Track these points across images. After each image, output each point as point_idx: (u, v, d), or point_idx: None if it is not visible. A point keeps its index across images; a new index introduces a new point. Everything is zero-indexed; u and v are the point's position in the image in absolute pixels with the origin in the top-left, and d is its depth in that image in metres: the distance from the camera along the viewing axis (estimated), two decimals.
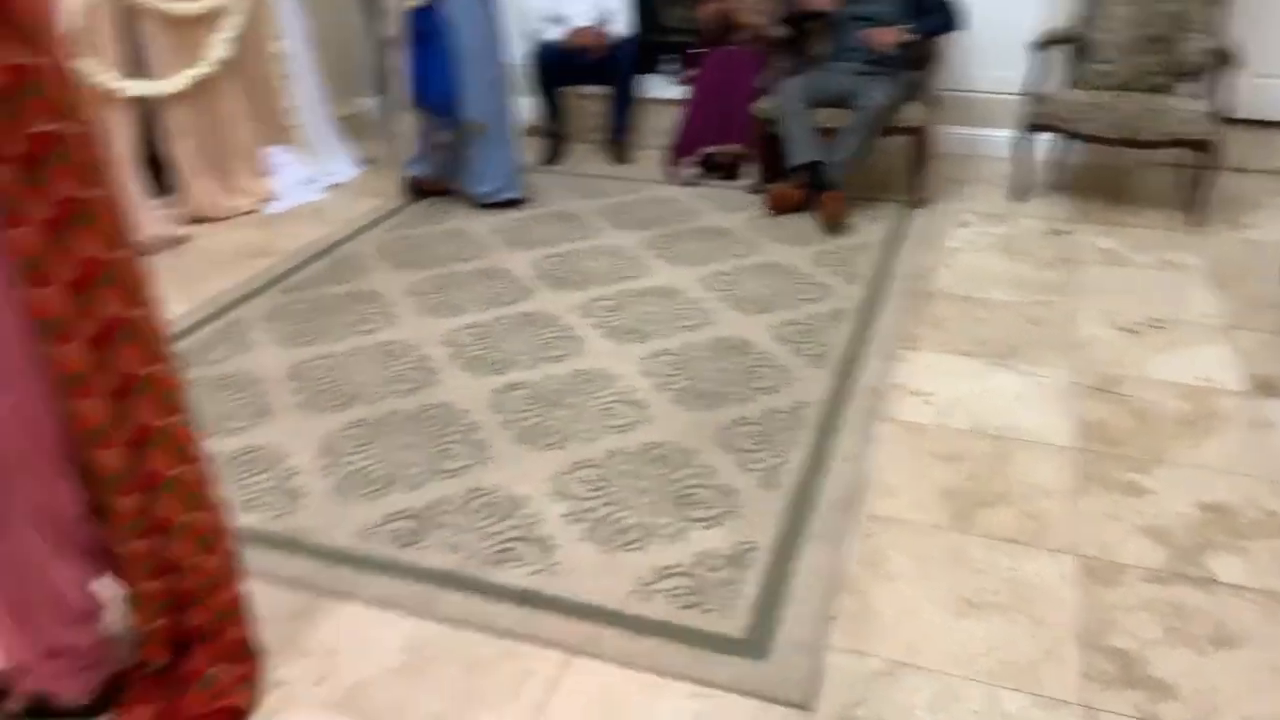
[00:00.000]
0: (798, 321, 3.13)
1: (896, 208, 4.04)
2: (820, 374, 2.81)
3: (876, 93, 3.84)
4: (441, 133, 3.99)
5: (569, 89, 4.80)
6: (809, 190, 3.93)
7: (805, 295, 3.31)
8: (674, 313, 3.23)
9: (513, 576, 2.05)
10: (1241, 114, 4.14)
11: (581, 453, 2.47)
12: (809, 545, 2.13)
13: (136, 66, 3.75)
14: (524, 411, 2.67)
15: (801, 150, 3.90)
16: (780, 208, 3.97)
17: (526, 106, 4.71)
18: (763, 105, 4.07)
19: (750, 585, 2.02)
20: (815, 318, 3.15)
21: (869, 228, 3.86)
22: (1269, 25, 4.66)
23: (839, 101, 3.94)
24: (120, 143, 3.65)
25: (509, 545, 2.15)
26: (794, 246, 3.71)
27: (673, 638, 1.89)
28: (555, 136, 4.82)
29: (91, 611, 1.67)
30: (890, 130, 3.96)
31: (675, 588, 2.01)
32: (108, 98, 3.58)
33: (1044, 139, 4.06)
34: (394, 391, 2.78)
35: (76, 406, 1.46)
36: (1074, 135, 3.91)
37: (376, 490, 2.35)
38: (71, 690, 1.67)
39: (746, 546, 2.13)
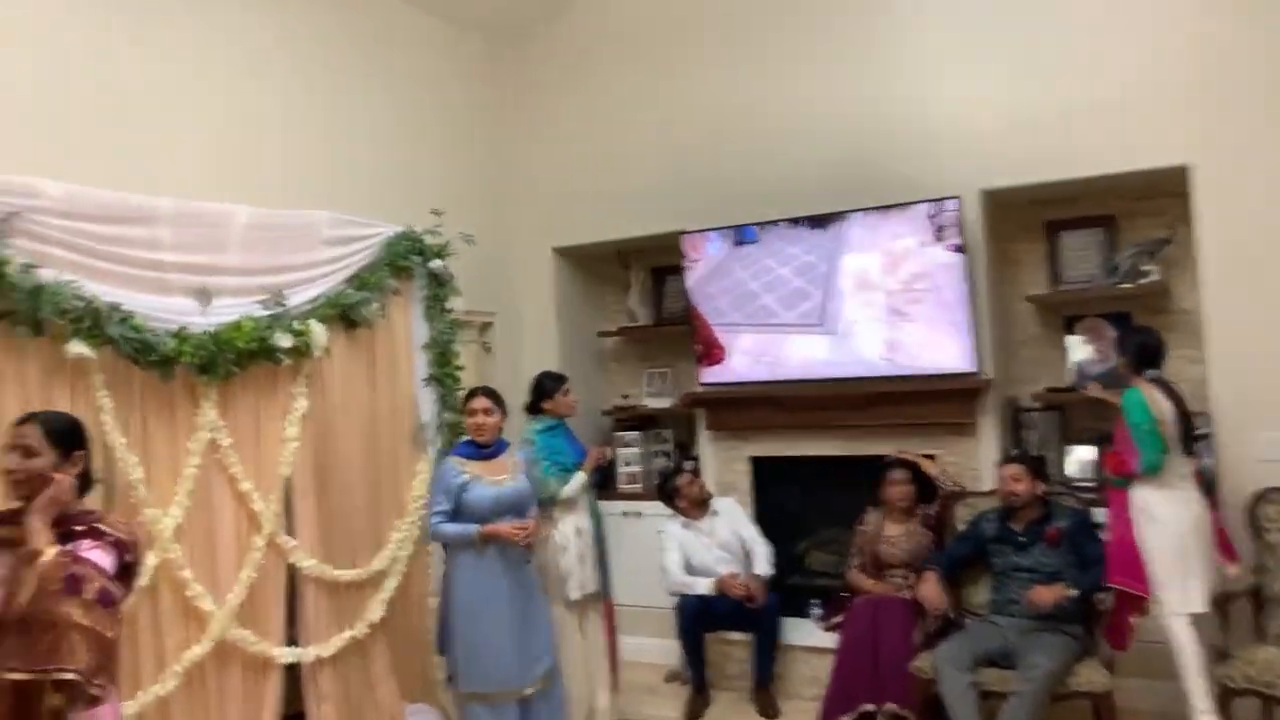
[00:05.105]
0: None
1: None
2: None
3: (1042, 655, 3.56)
4: None
5: (712, 634, 4.69)
6: None
7: None
8: None
9: None
10: None
11: None
12: None
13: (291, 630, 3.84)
14: None
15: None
16: None
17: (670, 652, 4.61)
18: (921, 663, 3.81)
19: None
20: None
21: None
22: None
23: (1003, 660, 3.66)
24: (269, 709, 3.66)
25: None
26: None
27: None
28: (699, 687, 4.62)
29: None
30: (1064, 695, 3.59)
31: None
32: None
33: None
34: None
35: None
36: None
37: None
38: None
39: None
